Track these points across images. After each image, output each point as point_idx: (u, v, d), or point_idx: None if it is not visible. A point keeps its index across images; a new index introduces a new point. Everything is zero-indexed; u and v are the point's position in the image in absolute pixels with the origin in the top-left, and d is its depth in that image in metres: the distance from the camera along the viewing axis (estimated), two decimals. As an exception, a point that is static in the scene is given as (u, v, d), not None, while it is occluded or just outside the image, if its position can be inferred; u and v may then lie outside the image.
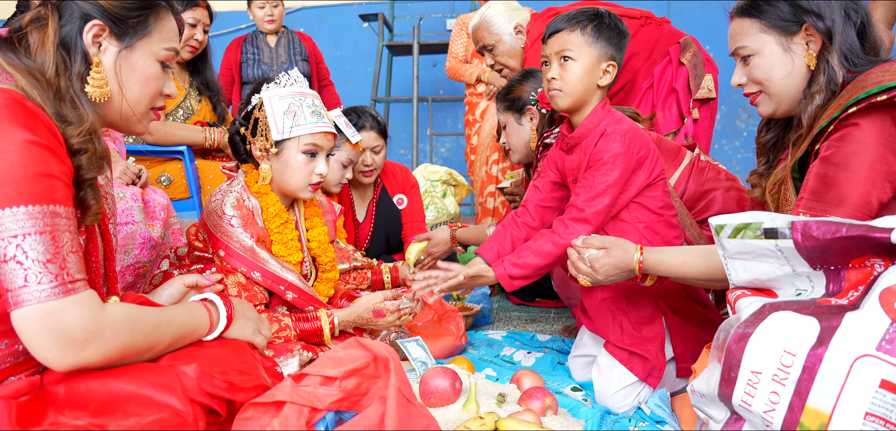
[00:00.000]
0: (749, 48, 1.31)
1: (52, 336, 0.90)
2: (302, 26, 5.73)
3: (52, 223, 0.92)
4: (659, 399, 1.51)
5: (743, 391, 0.93)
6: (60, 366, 0.92)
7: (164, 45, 1.17)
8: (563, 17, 1.61)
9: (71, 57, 1.07)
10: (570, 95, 1.60)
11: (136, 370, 1.00)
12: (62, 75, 1.05)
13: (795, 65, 1.27)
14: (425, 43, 4.91)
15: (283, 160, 1.65)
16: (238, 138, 1.71)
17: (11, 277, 0.89)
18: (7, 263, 0.89)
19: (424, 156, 5.39)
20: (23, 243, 0.90)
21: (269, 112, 1.62)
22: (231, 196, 1.63)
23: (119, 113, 1.14)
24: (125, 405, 0.95)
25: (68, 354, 0.91)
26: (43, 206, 0.92)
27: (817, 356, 0.86)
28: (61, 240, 0.93)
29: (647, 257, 1.39)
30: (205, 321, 1.17)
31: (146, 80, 1.16)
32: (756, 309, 0.99)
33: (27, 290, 0.89)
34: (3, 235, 0.89)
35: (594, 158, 1.58)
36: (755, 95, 1.35)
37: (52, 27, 1.05)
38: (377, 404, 1.06)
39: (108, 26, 1.09)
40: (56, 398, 0.94)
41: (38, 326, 0.90)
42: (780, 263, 1.02)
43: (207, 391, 1.03)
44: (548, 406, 1.39)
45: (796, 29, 1.25)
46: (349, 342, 1.22)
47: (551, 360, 1.97)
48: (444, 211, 3.51)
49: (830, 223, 0.94)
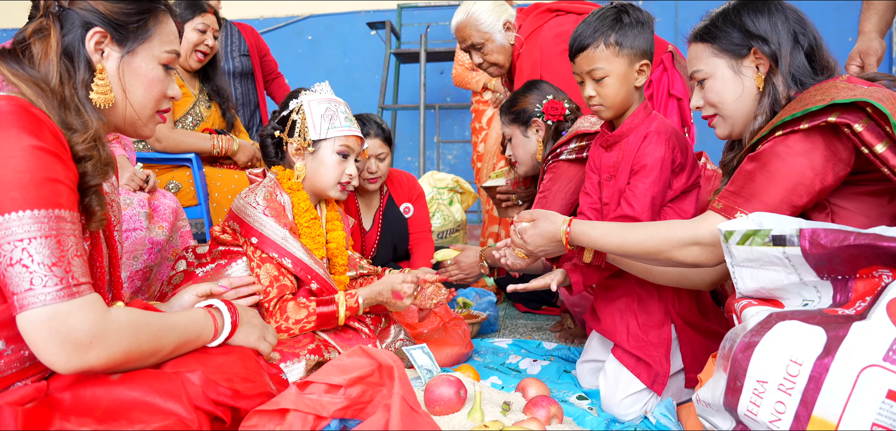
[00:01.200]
0: (703, 72, 1.35)
1: (58, 339, 0.90)
2: (310, 34, 5.77)
3: (57, 227, 0.93)
4: (665, 408, 1.50)
5: (748, 400, 0.93)
6: (65, 369, 0.92)
7: (165, 48, 1.18)
8: (585, 31, 1.59)
9: (74, 65, 1.08)
10: (612, 107, 1.62)
11: (141, 377, 1.01)
12: (66, 84, 1.06)
13: (746, 87, 1.31)
14: (432, 51, 4.93)
15: (319, 159, 1.77)
16: (270, 141, 1.82)
17: (17, 280, 0.90)
18: (13, 266, 0.90)
19: (431, 163, 5.40)
20: (28, 247, 0.90)
21: (308, 115, 1.76)
22: (263, 191, 1.72)
23: (124, 117, 1.16)
24: (130, 412, 0.96)
25: (73, 357, 0.92)
26: (48, 210, 0.92)
27: (824, 365, 0.86)
28: (66, 244, 0.94)
29: (574, 229, 1.46)
30: (209, 327, 1.18)
31: (150, 83, 1.17)
32: (762, 318, 0.99)
33: (32, 293, 0.90)
34: (10, 239, 0.90)
35: (638, 162, 1.59)
36: (712, 117, 1.39)
37: (54, 37, 1.06)
38: (381, 412, 1.06)
39: (110, 32, 1.11)
40: (62, 404, 0.95)
41: (43, 328, 0.90)
42: (787, 271, 1.02)
43: (212, 398, 1.04)
44: (553, 415, 1.39)
45: (745, 53, 1.29)
46: (354, 350, 1.22)
47: (557, 368, 1.96)
48: (451, 219, 3.50)
49: (838, 231, 0.94)
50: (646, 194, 1.57)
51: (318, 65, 5.77)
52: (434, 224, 3.44)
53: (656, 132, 1.58)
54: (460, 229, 3.55)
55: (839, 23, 4.72)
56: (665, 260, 1.31)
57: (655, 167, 1.56)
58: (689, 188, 1.63)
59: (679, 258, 1.28)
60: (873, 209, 1.16)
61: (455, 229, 3.52)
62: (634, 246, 1.35)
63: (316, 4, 5.73)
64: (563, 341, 2.25)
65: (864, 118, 1.07)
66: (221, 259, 1.70)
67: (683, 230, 1.28)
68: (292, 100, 1.80)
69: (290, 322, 1.65)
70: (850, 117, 1.07)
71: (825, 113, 1.10)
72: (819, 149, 1.13)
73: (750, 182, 1.20)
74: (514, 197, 2.43)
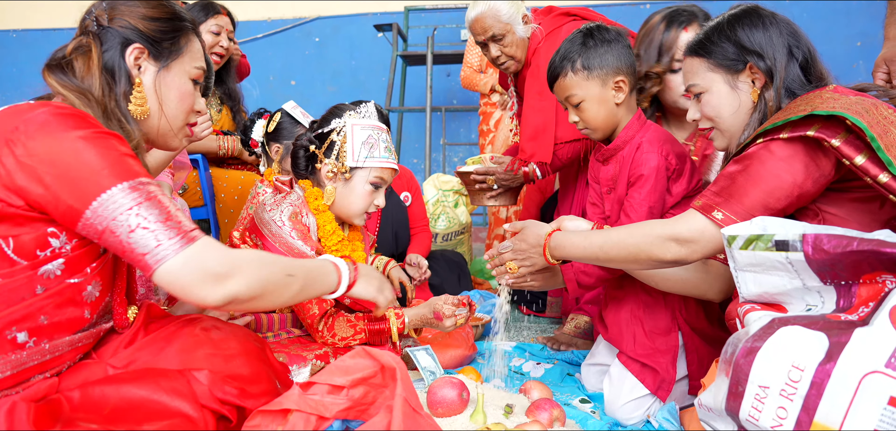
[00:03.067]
0: (700, 86, 1.35)
1: (200, 275, 0.98)
2: (317, 36, 5.79)
3: (149, 192, 1.00)
4: (668, 413, 1.50)
5: (750, 405, 0.93)
6: (215, 299, 1.00)
7: (195, 64, 1.27)
8: (555, 60, 1.65)
9: (115, 78, 1.15)
10: (599, 129, 1.65)
11: (148, 376, 1.02)
12: (108, 96, 1.13)
13: (742, 101, 1.31)
14: (439, 53, 4.93)
15: (351, 186, 1.71)
16: (303, 153, 1.75)
17: (144, 242, 0.96)
18: (135, 232, 0.96)
19: (437, 165, 5.40)
20: (141, 212, 0.97)
21: (350, 138, 1.69)
22: (289, 210, 1.68)
23: (158, 129, 1.23)
24: (137, 410, 0.97)
25: (217, 288, 1.00)
26: (133, 180, 0.99)
27: (826, 371, 0.86)
28: (163, 203, 1.01)
29: (553, 239, 1.48)
30: (332, 275, 1.28)
31: (182, 96, 1.24)
32: (765, 323, 0.98)
33: (162, 248, 0.97)
34: (121, 210, 0.96)
35: (634, 173, 1.60)
36: (708, 130, 1.39)
37: (95, 53, 1.13)
38: (383, 413, 1.06)
39: (147, 48, 1.18)
40: (71, 402, 0.97)
41: (185, 271, 0.98)
42: (790, 276, 1.02)
43: (218, 397, 1.05)
44: (556, 418, 1.39)
45: (741, 67, 1.29)
46: (357, 351, 1.23)
47: (560, 371, 1.96)
48: (456, 221, 3.51)
49: (842, 237, 0.93)
50: (643, 203, 1.58)
51: (325, 67, 5.79)
52: (439, 227, 3.44)
53: (649, 142, 1.60)
54: (465, 232, 3.55)
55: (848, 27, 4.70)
56: (646, 260, 1.31)
57: (651, 177, 1.57)
58: (691, 193, 1.63)
59: (658, 256, 1.28)
60: (864, 215, 1.15)
61: (460, 231, 3.52)
62: (614, 249, 1.35)
63: (323, 6, 5.74)
64: (553, 348, 2.21)
65: (842, 132, 1.06)
66: None
67: (661, 227, 1.28)
68: (335, 118, 1.72)
69: (337, 339, 1.66)
70: (827, 132, 1.07)
71: (805, 125, 1.10)
72: (799, 157, 1.14)
73: (730, 183, 1.20)
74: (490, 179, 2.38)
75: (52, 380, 1.01)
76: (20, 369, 0.98)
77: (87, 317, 1.07)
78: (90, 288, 1.06)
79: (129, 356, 1.11)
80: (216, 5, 2.54)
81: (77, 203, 0.96)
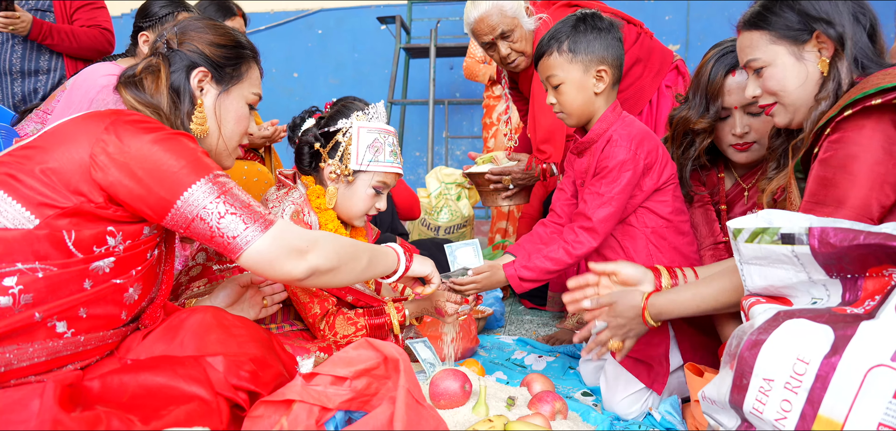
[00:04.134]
0: (761, 60, 1.28)
1: (285, 250, 1.11)
2: (320, 28, 5.77)
3: (225, 184, 1.11)
4: (670, 406, 1.50)
5: (754, 398, 0.92)
6: (299, 272, 1.13)
7: (253, 90, 1.37)
8: (544, 38, 1.62)
9: (180, 98, 1.26)
10: (573, 114, 1.62)
11: (165, 363, 1.05)
12: (174, 114, 1.22)
13: (809, 72, 1.24)
14: (442, 46, 4.92)
15: (353, 189, 1.70)
16: (307, 150, 1.73)
17: (233, 226, 1.08)
18: (224, 218, 1.08)
19: (440, 158, 5.40)
20: (225, 201, 1.09)
21: (355, 141, 1.67)
22: (290, 208, 1.66)
23: (215, 148, 1.32)
24: (155, 396, 1.01)
25: (301, 262, 1.13)
26: (208, 174, 1.10)
27: (831, 364, 0.85)
28: (239, 191, 1.12)
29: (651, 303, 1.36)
30: (393, 257, 1.43)
31: (239, 119, 1.34)
32: (770, 316, 0.98)
33: (248, 231, 1.09)
34: (205, 202, 1.08)
35: (601, 165, 1.58)
36: (770, 105, 1.32)
37: (164, 73, 1.24)
38: (386, 404, 1.06)
39: (211, 72, 1.29)
40: (91, 392, 1.01)
41: (273, 248, 1.10)
42: (795, 269, 1.01)
43: (233, 383, 1.07)
44: (557, 411, 1.39)
45: (807, 37, 1.23)
46: (360, 342, 1.23)
47: (562, 364, 1.96)
48: (458, 214, 3.51)
49: (848, 230, 0.93)
50: (600, 195, 1.56)
51: (328, 59, 5.78)
52: (441, 220, 3.45)
53: (619, 135, 1.57)
54: (467, 225, 3.55)
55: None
56: None
57: (614, 170, 1.55)
58: (662, 186, 1.61)
59: None
60: None
61: (462, 224, 3.52)
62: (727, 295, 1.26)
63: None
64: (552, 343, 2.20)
65: None
66: None
67: None
68: (342, 118, 1.69)
69: (339, 337, 1.65)
70: None
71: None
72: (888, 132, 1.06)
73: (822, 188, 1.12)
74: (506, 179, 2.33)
75: (77, 371, 1.04)
76: (54, 357, 1.01)
77: (123, 318, 1.12)
78: (131, 290, 1.12)
79: (145, 348, 1.14)
80: (232, 7, 2.55)
81: (168, 195, 1.06)
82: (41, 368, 1.00)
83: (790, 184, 1.26)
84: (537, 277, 1.63)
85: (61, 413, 0.88)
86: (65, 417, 0.87)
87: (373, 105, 1.72)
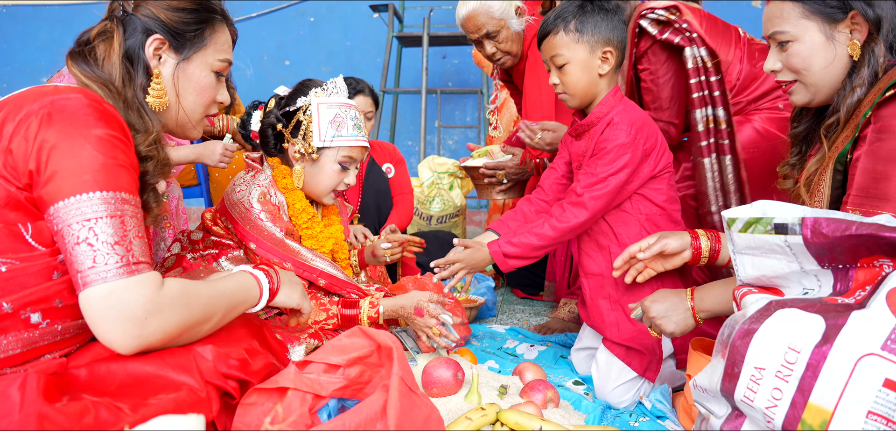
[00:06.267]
0: (789, 33, 1.22)
1: (114, 315, 0.94)
2: (311, 16, 5.72)
3: (121, 209, 0.97)
4: (660, 394, 1.51)
5: (745, 386, 0.93)
6: (124, 346, 0.95)
7: (219, 57, 1.24)
8: (549, 17, 1.60)
9: (134, 68, 1.14)
10: (576, 96, 1.61)
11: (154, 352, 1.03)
12: (128, 86, 1.12)
13: (838, 54, 1.19)
14: (435, 35, 4.89)
15: (319, 166, 1.69)
16: (271, 132, 1.72)
17: (82, 258, 0.94)
18: (79, 245, 0.94)
19: (432, 148, 5.38)
20: (95, 227, 0.94)
21: (316, 119, 1.66)
22: (257, 191, 1.65)
23: (176, 120, 1.22)
24: (144, 385, 0.98)
25: (130, 332, 0.95)
26: (115, 192, 0.97)
27: (822, 353, 0.86)
28: (128, 224, 0.98)
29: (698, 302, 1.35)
30: (254, 290, 1.22)
31: (201, 89, 1.23)
32: (762, 306, 0.99)
33: (95, 270, 0.93)
34: (78, 219, 0.94)
35: (599, 146, 1.57)
36: (790, 83, 1.28)
37: (117, 40, 1.12)
38: (380, 392, 1.06)
39: (168, 40, 1.17)
40: (78, 380, 0.98)
41: (101, 305, 0.93)
42: (788, 259, 1.02)
43: (223, 372, 1.06)
44: (549, 399, 1.39)
45: (842, 16, 1.17)
46: (353, 330, 1.23)
47: (554, 353, 1.97)
48: (451, 203, 3.50)
49: (841, 221, 0.93)
50: (596, 174, 1.55)
51: (320, 47, 5.74)
52: (433, 209, 3.44)
53: (620, 119, 1.57)
54: (460, 214, 3.55)
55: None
56: None
57: (612, 152, 1.54)
58: (659, 173, 1.62)
59: None
60: None
61: (454, 214, 3.52)
62: None
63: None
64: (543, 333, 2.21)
65: None
66: (213, 249, 1.68)
67: None
68: (301, 96, 1.69)
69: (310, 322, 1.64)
70: None
71: None
72: None
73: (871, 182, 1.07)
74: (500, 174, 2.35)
75: (61, 360, 1.02)
76: (30, 348, 0.99)
77: None
78: None
79: None
80: None
81: (47, 196, 0.95)
82: (18, 360, 0.97)
83: (824, 173, 1.20)
84: (522, 253, 1.61)
85: (46, 405, 0.85)
86: (50, 410, 0.85)
87: (332, 80, 1.70)
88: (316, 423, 1.07)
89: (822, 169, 1.21)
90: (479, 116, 5.13)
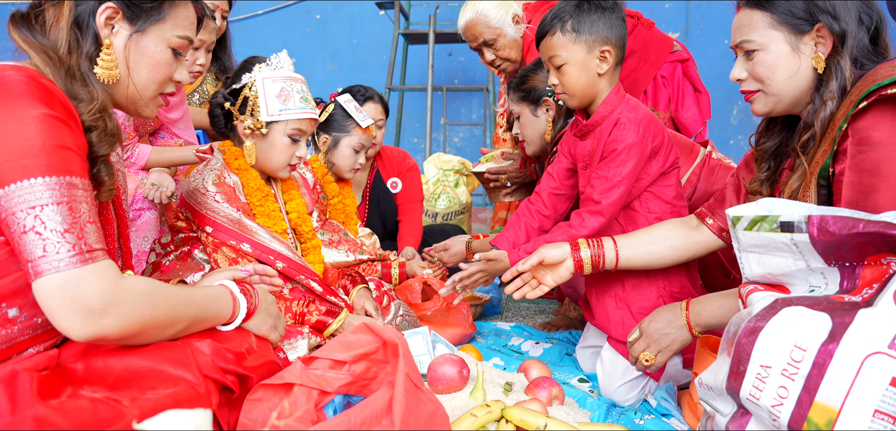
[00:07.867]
0: (755, 43, 1.24)
1: (71, 306, 0.90)
2: (318, 13, 5.73)
3: (69, 194, 0.92)
4: (665, 392, 1.51)
5: (751, 384, 0.93)
6: (80, 335, 0.91)
7: (177, 33, 1.16)
8: (546, 18, 1.60)
9: (83, 36, 1.07)
10: (576, 96, 1.61)
11: (152, 346, 1.02)
12: (74, 53, 1.06)
13: (802, 66, 1.21)
14: (441, 32, 4.89)
15: (269, 141, 1.70)
16: (220, 112, 1.74)
17: (31, 248, 0.90)
18: (26, 234, 0.89)
19: (438, 145, 5.38)
20: (41, 214, 0.90)
21: (261, 94, 1.67)
22: (211, 175, 1.66)
23: (126, 95, 1.14)
24: (141, 379, 0.97)
25: (86, 323, 0.91)
26: (60, 177, 0.92)
27: (828, 351, 0.86)
28: (79, 210, 0.93)
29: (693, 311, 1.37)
30: (227, 308, 1.16)
31: (155, 65, 1.15)
32: (768, 304, 0.98)
33: (46, 260, 0.89)
34: (22, 206, 0.89)
35: (608, 148, 1.57)
36: (752, 92, 1.29)
37: (67, 5, 1.05)
38: (385, 388, 1.06)
39: (122, 9, 1.09)
40: (75, 373, 0.97)
41: (56, 295, 0.90)
42: (794, 257, 1.01)
43: (221, 367, 1.05)
44: (554, 396, 1.39)
45: (808, 28, 1.19)
46: (359, 327, 1.23)
47: (559, 351, 1.97)
48: (457, 201, 3.50)
49: (847, 218, 0.93)
50: (609, 178, 1.55)
51: (326, 45, 5.74)
52: (439, 206, 3.44)
53: (628, 118, 1.56)
54: (465, 212, 3.55)
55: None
56: None
57: (624, 153, 1.54)
58: (668, 170, 1.62)
59: None
60: None
61: (460, 211, 3.52)
62: None
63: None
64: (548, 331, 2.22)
65: None
66: (184, 246, 1.69)
67: None
68: (245, 73, 1.71)
69: None
70: None
71: None
72: None
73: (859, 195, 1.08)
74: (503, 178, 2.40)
75: (51, 352, 1.00)
76: (11, 343, 0.97)
77: None
78: None
79: None
80: None
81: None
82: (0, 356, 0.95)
83: (808, 188, 1.21)
84: None
85: (43, 405, 0.82)
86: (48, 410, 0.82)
87: (275, 55, 1.72)
88: (322, 419, 1.07)
89: (804, 185, 1.21)
90: (484, 114, 5.12)
